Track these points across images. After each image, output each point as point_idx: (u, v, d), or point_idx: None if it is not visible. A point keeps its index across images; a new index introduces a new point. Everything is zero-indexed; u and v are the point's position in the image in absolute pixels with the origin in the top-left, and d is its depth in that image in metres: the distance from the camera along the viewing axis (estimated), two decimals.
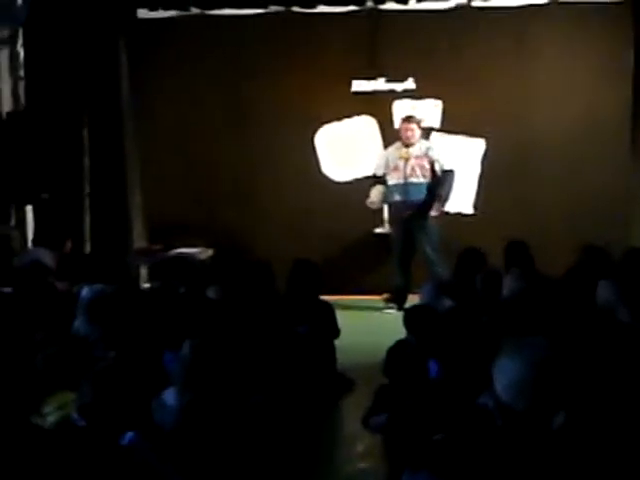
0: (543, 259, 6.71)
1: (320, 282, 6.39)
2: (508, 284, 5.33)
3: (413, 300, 6.95)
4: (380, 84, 9.80)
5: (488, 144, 9.63)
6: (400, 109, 9.76)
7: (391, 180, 8.93)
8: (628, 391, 3.62)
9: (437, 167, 8.85)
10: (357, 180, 9.72)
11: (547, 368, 2.71)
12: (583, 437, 2.81)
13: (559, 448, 2.65)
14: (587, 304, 4.97)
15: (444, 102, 9.69)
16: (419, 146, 8.93)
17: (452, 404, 3.64)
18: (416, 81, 9.72)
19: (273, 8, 9.37)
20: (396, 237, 9.00)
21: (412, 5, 9.16)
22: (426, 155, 8.87)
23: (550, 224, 9.32)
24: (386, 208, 9.31)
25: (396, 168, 8.89)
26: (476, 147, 9.68)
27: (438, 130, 9.66)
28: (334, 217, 9.67)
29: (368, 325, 8.21)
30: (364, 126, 9.88)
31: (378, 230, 9.60)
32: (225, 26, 9.75)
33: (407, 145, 8.91)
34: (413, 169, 8.82)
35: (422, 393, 4.15)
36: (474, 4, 9.34)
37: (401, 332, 5.40)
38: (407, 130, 8.93)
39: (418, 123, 9.05)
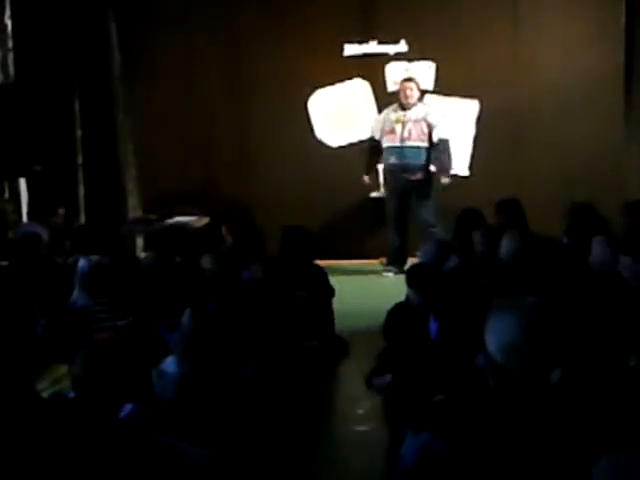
0: (537, 220, 6.70)
1: (312, 247, 6.38)
2: (505, 244, 5.32)
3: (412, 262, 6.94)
4: (372, 47, 9.72)
5: (482, 106, 9.58)
6: (393, 72, 9.69)
7: (386, 142, 8.85)
8: (624, 344, 3.63)
9: (434, 134, 8.74)
10: (351, 144, 9.69)
11: (538, 327, 2.70)
12: (581, 392, 2.81)
13: (557, 404, 2.65)
14: (582, 262, 4.97)
15: (437, 64, 9.61)
16: (417, 109, 8.83)
17: (451, 365, 3.65)
18: (408, 43, 9.63)
19: None
20: (391, 199, 8.93)
21: None
22: (424, 119, 8.77)
23: (545, 186, 9.28)
24: (381, 171, 9.25)
25: (392, 131, 8.80)
26: (470, 109, 9.62)
27: (432, 92, 9.60)
28: (330, 182, 9.64)
29: (366, 289, 8.22)
30: (357, 90, 9.81)
31: (374, 194, 9.55)
32: None
33: (404, 107, 8.82)
34: (410, 132, 8.73)
35: (422, 355, 4.15)
36: None
37: (399, 295, 5.40)
38: (406, 89, 8.83)
39: (417, 84, 8.96)
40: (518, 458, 2.55)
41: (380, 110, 9.47)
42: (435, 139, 8.75)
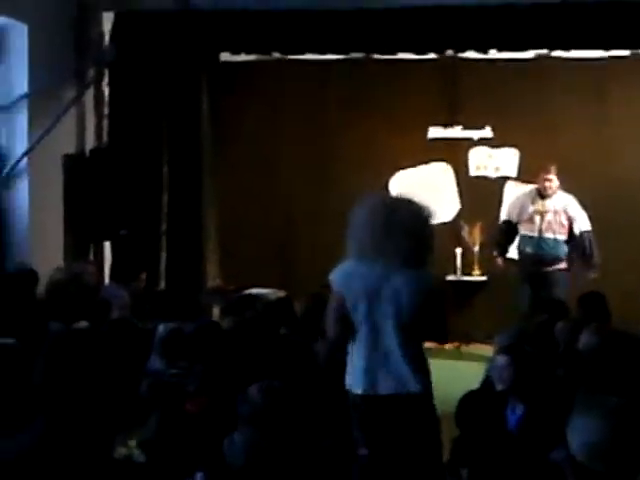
0: (620, 315, 6.59)
1: None
2: (584, 338, 5.24)
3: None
4: (457, 131, 9.81)
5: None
6: (476, 157, 9.74)
7: (523, 231, 8.63)
8: None
9: (576, 227, 8.50)
10: None
11: (623, 429, 2.66)
12: None
13: None
14: None
15: (521, 151, 9.64)
16: (557, 200, 8.55)
17: (530, 458, 3.58)
18: (493, 129, 9.70)
19: (354, 54, 9.43)
20: (525, 284, 8.61)
21: (492, 54, 9.14)
22: (565, 211, 8.52)
23: (630, 279, 9.12)
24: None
25: (531, 220, 8.55)
26: None
27: (515, 179, 9.60)
28: None
29: (441, 374, 8.09)
30: (439, 172, 9.87)
31: (450, 277, 9.53)
32: (305, 71, 9.86)
33: (544, 196, 8.57)
34: (550, 224, 8.48)
35: (499, 445, 4.08)
36: (554, 54, 9.29)
37: (471, 382, 5.34)
38: (546, 180, 8.54)
39: (556, 173, 8.61)
40: None
41: (461, 194, 9.50)
42: (577, 231, 8.51)
